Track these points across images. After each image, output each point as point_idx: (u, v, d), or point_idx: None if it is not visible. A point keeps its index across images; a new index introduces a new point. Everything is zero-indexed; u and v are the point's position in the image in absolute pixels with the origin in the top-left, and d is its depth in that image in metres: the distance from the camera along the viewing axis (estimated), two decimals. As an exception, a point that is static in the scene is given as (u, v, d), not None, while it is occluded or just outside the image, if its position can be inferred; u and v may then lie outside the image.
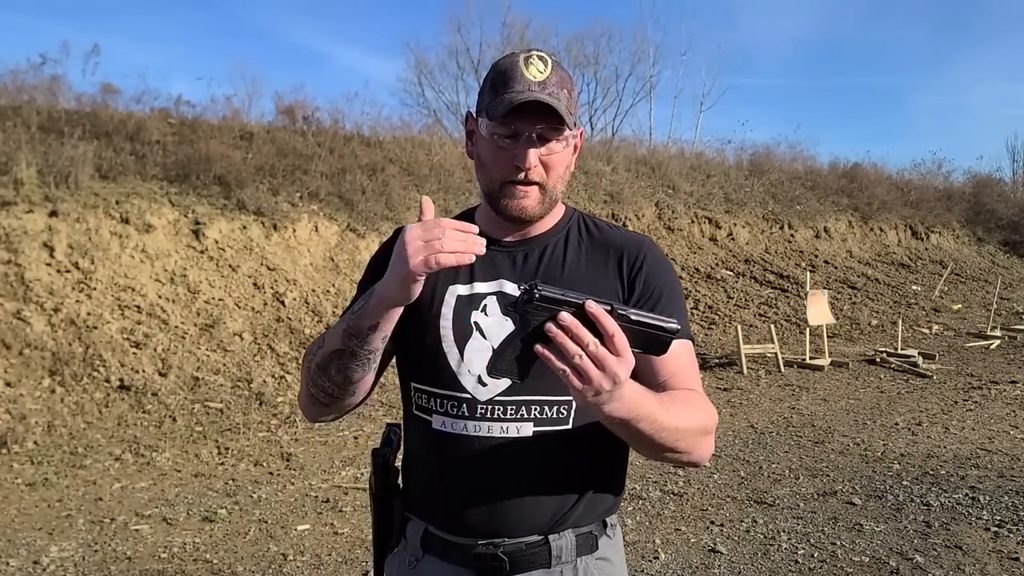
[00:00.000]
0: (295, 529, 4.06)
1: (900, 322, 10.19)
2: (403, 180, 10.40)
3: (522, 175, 1.20)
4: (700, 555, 3.74)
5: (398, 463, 1.36)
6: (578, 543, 1.25)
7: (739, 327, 8.89)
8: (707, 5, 44.04)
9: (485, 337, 1.23)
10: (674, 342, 1.19)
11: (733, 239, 13.62)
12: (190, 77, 42.66)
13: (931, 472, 5.02)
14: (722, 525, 4.11)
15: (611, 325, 0.96)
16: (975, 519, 4.18)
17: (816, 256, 14.29)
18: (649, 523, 4.14)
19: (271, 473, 4.96)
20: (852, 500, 4.47)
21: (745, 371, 8.23)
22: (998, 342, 10.40)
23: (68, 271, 6.99)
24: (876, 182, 17.76)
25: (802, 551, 3.77)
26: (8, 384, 5.83)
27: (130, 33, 39.39)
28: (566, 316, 0.95)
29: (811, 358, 8.77)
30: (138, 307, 7.03)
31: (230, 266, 7.96)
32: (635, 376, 1.19)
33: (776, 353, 8.57)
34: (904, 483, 4.79)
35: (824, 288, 11.32)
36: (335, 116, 11.16)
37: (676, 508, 4.37)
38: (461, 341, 1.23)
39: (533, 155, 1.19)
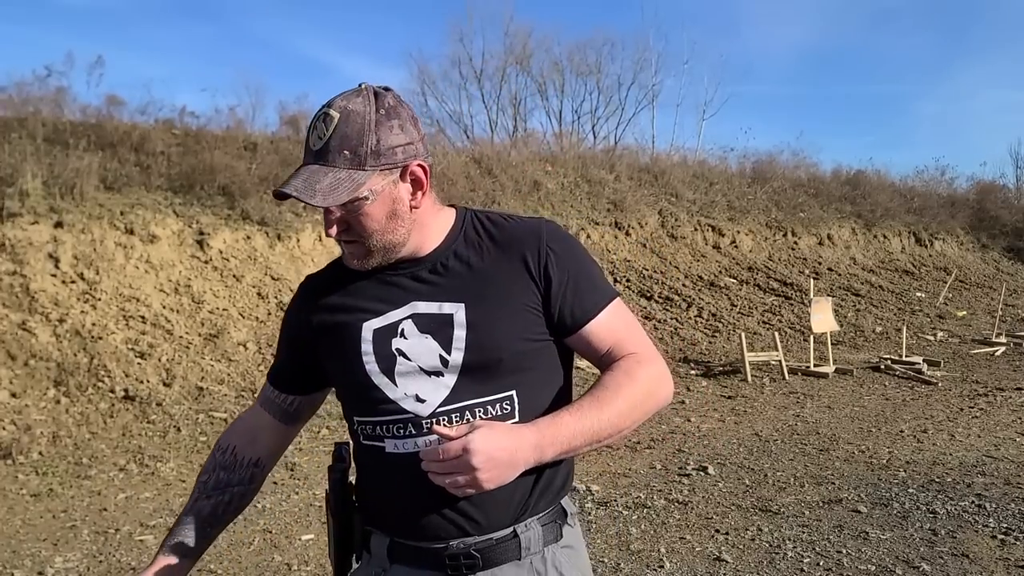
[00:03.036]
0: (299, 539, 4.06)
1: (904, 329, 10.17)
2: (406, 189, 10.41)
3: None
4: (705, 564, 3.72)
5: (352, 478, 1.38)
6: (544, 533, 1.29)
7: (743, 335, 8.88)
8: (709, 14, 44.19)
9: (410, 359, 1.24)
10: (605, 307, 1.30)
11: (736, 247, 13.62)
12: (195, 88, 42.97)
13: (937, 479, 4.99)
14: (727, 534, 4.10)
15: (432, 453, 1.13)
16: (981, 527, 4.16)
17: (820, 263, 14.28)
18: (654, 532, 4.13)
19: (275, 483, 4.96)
20: (858, 508, 4.46)
21: (749, 379, 8.22)
22: (1003, 348, 10.37)
23: (73, 282, 7.01)
24: (879, 189, 17.77)
25: (808, 559, 3.76)
26: (13, 395, 5.84)
27: (136, 45, 39.64)
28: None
29: (815, 365, 8.76)
30: (143, 317, 7.05)
31: (234, 276, 7.98)
32: (579, 353, 1.32)
33: (780, 361, 8.56)
34: (910, 491, 4.77)
35: (828, 295, 11.30)
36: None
37: (681, 517, 4.36)
38: (389, 371, 1.25)
39: (331, 224, 1.22)
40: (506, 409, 1.24)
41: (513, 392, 1.25)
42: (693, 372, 8.60)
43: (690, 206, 13.90)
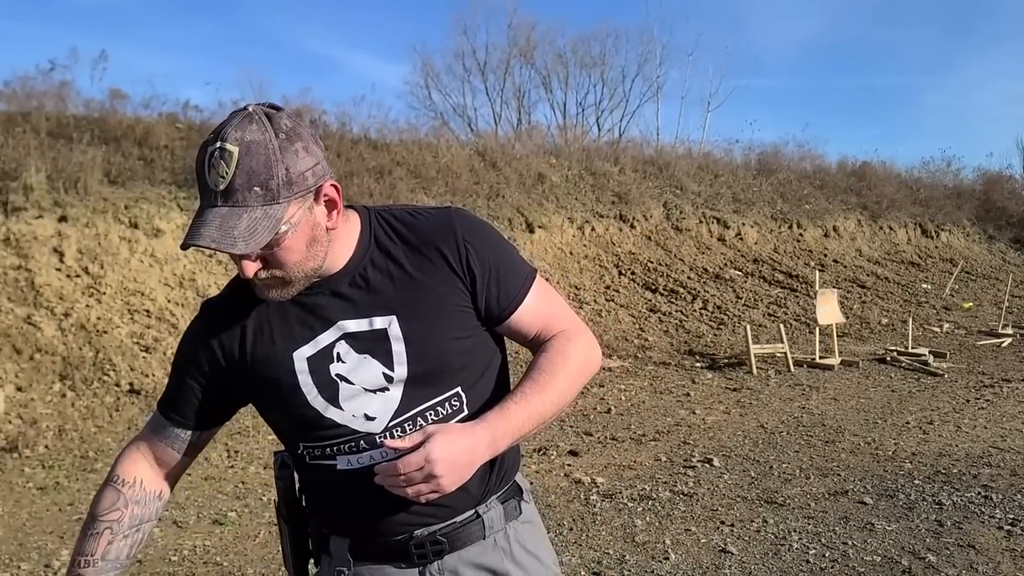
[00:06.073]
0: (305, 531, 4.06)
1: (910, 321, 10.13)
2: (410, 183, 10.41)
3: None
4: (711, 555, 3.72)
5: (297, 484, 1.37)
6: (506, 511, 1.31)
7: (748, 327, 8.85)
8: (713, 6, 43.93)
9: (353, 383, 1.21)
10: (529, 291, 1.29)
11: (742, 239, 13.58)
12: (198, 83, 43.01)
13: (943, 471, 4.98)
14: (732, 525, 4.09)
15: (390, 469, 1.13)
16: (988, 518, 4.15)
17: (825, 255, 14.23)
18: (659, 523, 4.13)
19: (280, 476, 4.97)
20: (863, 499, 4.45)
21: (755, 371, 8.20)
22: (1009, 340, 10.32)
23: (78, 276, 7.03)
24: (885, 180, 17.69)
25: (813, 551, 3.75)
26: (19, 389, 5.86)
27: (139, 42, 39.68)
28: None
29: (821, 357, 8.73)
30: (147, 311, 7.06)
31: (238, 270, 7.99)
32: (509, 337, 1.32)
33: (786, 353, 8.53)
34: (916, 482, 4.76)
35: (833, 287, 11.26)
36: (342, 119, 11.21)
37: (686, 508, 4.35)
38: (333, 398, 1.21)
39: (248, 267, 1.11)
40: (455, 405, 1.24)
41: (459, 388, 1.24)
42: (698, 364, 8.59)
43: (695, 198, 13.86)
